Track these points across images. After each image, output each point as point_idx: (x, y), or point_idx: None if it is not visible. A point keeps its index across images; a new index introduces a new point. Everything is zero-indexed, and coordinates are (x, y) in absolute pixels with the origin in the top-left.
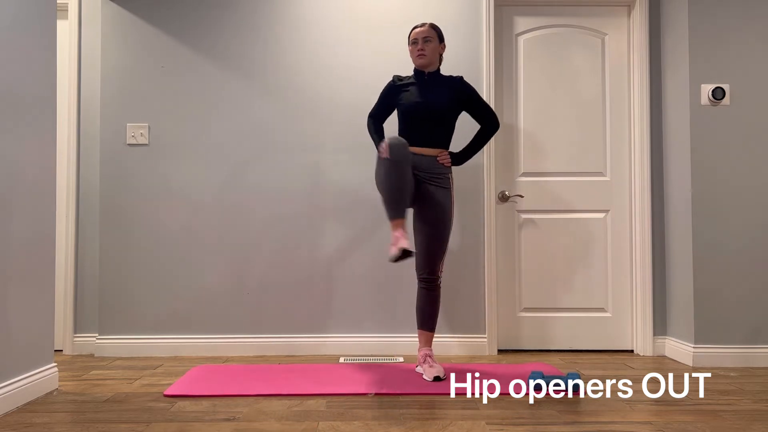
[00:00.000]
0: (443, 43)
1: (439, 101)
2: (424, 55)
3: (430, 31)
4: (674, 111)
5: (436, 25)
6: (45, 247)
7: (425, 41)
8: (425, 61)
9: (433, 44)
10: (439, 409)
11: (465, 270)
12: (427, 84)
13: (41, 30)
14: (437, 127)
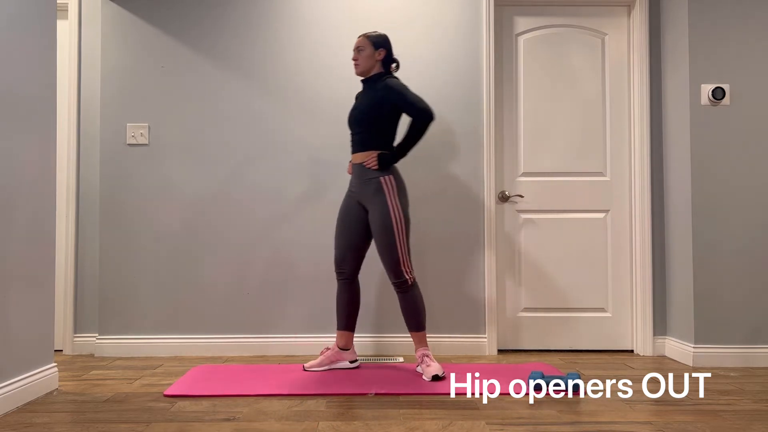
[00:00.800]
0: (381, 49)
1: (363, 107)
2: (358, 64)
3: (363, 40)
4: (674, 111)
5: (373, 33)
6: (45, 247)
7: (358, 51)
8: (359, 70)
9: (366, 52)
10: (439, 409)
11: (465, 270)
12: (365, 91)
13: (41, 30)
14: (365, 133)
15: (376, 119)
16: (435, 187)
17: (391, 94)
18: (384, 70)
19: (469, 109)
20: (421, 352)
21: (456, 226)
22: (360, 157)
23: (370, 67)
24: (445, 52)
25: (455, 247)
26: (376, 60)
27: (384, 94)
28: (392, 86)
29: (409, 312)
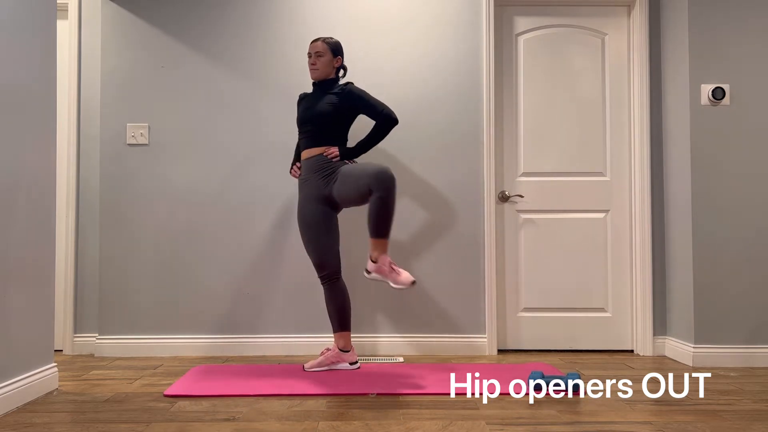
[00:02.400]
0: (339, 57)
1: (322, 105)
2: (316, 68)
3: (322, 45)
4: (674, 111)
5: (332, 40)
6: (45, 247)
7: (317, 56)
8: (317, 74)
9: (325, 58)
10: (439, 409)
11: (465, 270)
12: (317, 94)
13: (41, 30)
14: (322, 132)
15: (334, 120)
16: (435, 187)
17: (354, 101)
18: (336, 75)
19: (469, 109)
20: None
21: (456, 226)
22: (315, 151)
23: (327, 73)
24: (445, 52)
25: (455, 247)
26: (333, 67)
27: (346, 99)
28: (356, 92)
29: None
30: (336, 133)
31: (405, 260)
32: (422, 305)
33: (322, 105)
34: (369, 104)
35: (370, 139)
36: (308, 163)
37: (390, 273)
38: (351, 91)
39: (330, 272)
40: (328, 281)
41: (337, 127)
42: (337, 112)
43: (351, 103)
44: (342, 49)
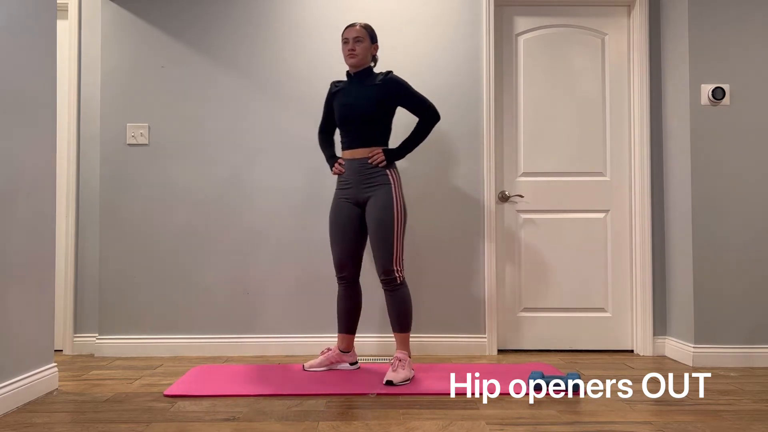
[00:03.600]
0: (376, 44)
1: (366, 101)
2: (355, 54)
3: (361, 31)
4: (674, 111)
5: (369, 25)
6: (45, 247)
7: (356, 41)
8: (356, 60)
9: (365, 44)
10: (439, 409)
11: (465, 270)
12: (356, 84)
13: (41, 30)
14: (367, 128)
15: (378, 117)
16: (435, 187)
17: (399, 91)
18: (371, 64)
19: (469, 109)
20: (398, 355)
21: (456, 226)
22: (363, 152)
23: (366, 60)
24: (445, 52)
25: (455, 247)
26: (371, 54)
27: (388, 90)
28: (401, 83)
29: (394, 312)
30: (380, 130)
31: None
32: (422, 305)
33: (363, 102)
34: (414, 97)
35: (415, 138)
36: (351, 165)
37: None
38: (394, 80)
39: (347, 275)
40: (344, 283)
41: (381, 123)
42: (381, 108)
43: (394, 94)
44: (377, 37)
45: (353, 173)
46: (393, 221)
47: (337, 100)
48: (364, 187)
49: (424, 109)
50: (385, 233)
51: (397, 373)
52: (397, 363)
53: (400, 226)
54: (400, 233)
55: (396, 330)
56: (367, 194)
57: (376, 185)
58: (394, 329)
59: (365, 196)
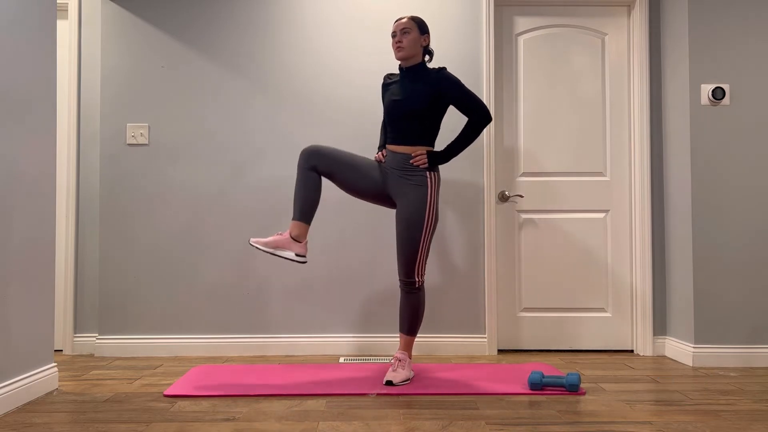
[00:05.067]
0: (426, 35)
1: (414, 96)
2: (402, 47)
3: (409, 22)
4: (674, 111)
5: (419, 17)
6: (45, 247)
7: (403, 33)
8: (404, 53)
9: (412, 35)
10: (439, 409)
11: (465, 270)
12: (407, 79)
13: (41, 30)
14: (412, 124)
15: (428, 112)
16: None
17: (452, 89)
18: (423, 60)
19: None
20: (398, 355)
21: (456, 226)
22: (404, 149)
23: (414, 52)
24: (445, 51)
25: (455, 247)
26: (420, 46)
27: (439, 87)
28: (453, 80)
29: (406, 313)
30: (426, 128)
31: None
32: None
33: (412, 97)
34: (465, 95)
35: (463, 141)
36: (393, 157)
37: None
38: (446, 77)
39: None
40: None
41: (428, 122)
42: (430, 106)
43: (445, 91)
44: (428, 28)
45: (395, 164)
46: (422, 227)
47: (387, 94)
48: (401, 182)
49: (476, 109)
50: (411, 238)
51: (397, 373)
52: (396, 363)
53: (429, 233)
54: (427, 240)
55: (403, 331)
56: (402, 190)
57: (412, 185)
58: (402, 329)
59: (399, 191)
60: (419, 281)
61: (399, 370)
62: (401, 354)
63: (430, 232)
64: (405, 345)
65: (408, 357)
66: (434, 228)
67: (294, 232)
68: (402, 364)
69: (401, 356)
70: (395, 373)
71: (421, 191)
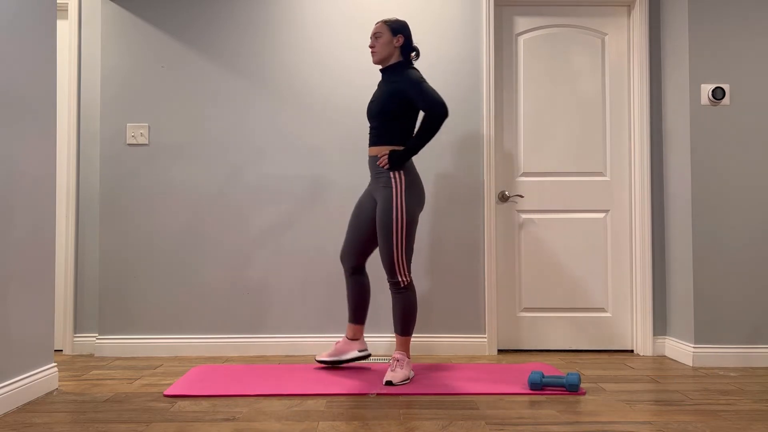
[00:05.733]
0: (399, 36)
1: (383, 98)
2: (375, 51)
3: (380, 26)
4: (674, 111)
5: (392, 19)
6: (45, 247)
7: (376, 37)
8: (377, 57)
9: (384, 38)
10: (439, 409)
11: (465, 270)
12: (383, 81)
13: (41, 30)
14: (382, 125)
15: (392, 112)
16: (435, 187)
17: (411, 89)
18: (403, 58)
19: (469, 109)
20: (396, 355)
21: (456, 226)
22: (374, 151)
23: (388, 54)
24: (445, 52)
25: (455, 247)
26: (394, 47)
27: (401, 86)
28: (412, 79)
29: (397, 314)
30: (397, 127)
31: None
32: (422, 305)
33: (381, 99)
34: (420, 93)
35: (418, 137)
36: (370, 161)
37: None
38: (407, 77)
39: (347, 264)
40: (345, 272)
41: (401, 122)
42: (395, 103)
43: (406, 90)
44: (406, 28)
45: (370, 167)
46: (392, 228)
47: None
48: (376, 185)
49: (429, 105)
50: (384, 239)
51: (395, 372)
52: (395, 363)
53: (400, 231)
54: (401, 238)
55: (397, 332)
56: (377, 192)
57: (381, 187)
58: (395, 330)
59: (376, 194)
60: (404, 281)
61: (398, 370)
62: (399, 354)
63: (402, 233)
64: (400, 344)
65: (406, 356)
66: (406, 228)
67: (349, 334)
68: (400, 363)
69: (399, 356)
70: (394, 372)
71: (387, 192)
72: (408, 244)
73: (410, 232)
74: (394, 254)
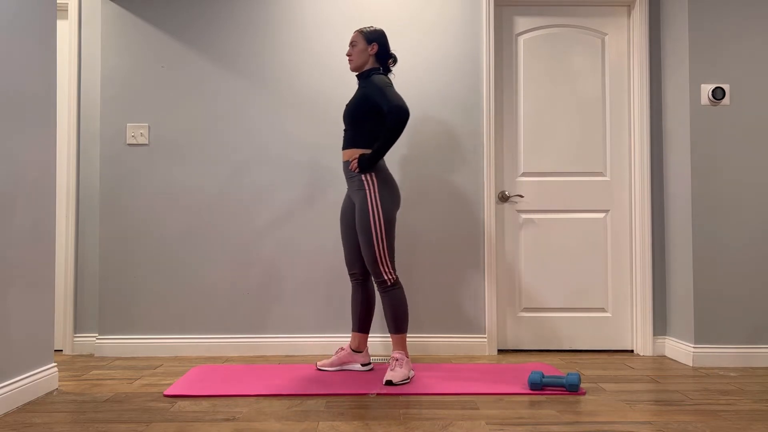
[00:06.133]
0: (373, 44)
1: (353, 104)
2: (351, 59)
3: (355, 35)
4: (674, 111)
5: (367, 28)
6: (45, 247)
7: (352, 46)
8: (352, 65)
9: (359, 47)
10: (439, 409)
11: (465, 270)
12: (358, 87)
13: (41, 30)
14: (354, 129)
15: (362, 116)
16: (435, 187)
17: (374, 94)
18: (379, 65)
19: (469, 109)
20: (395, 355)
21: (456, 226)
22: (347, 154)
23: (363, 62)
24: (445, 52)
25: (455, 247)
26: (369, 55)
27: (368, 91)
28: (374, 82)
29: (389, 313)
30: (367, 131)
31: (405, 260)
32: (422, 305)
33: (351, 105)
34: (382, 97)
35: (383, 140)
36: (343, 165)
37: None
38: (372, 81)
39: (357, 272)
40: (353, 281)
41: (368, 124)
42: (364, 109)
43: (369, 95)
44: (382, 37)
45: (345, 173)
46: (370, 228)
47: None
48: (351, 188)
49: (389, 109)
50: (364, 238)
51: (395, 372)
52: (394, 363)
53: (379, 230)
54: (381, 237)
55: (391, 331)
56: (353, 195)
57: (356, 189)
58: (389, 330)
59: (353, 198)
60: (389, 279)
61: (397, 369)
62: (398, 353)
63: (381, 232)
64: (397, 344)
65: (405, 355)
66: (385, 227)
67: (353, 345)
68: (400, 363)
69: (398, 356)
70: (393, 372)
71: (362, 194)
72: (389, 242)
73: (389, 230)
74: (376, 253)
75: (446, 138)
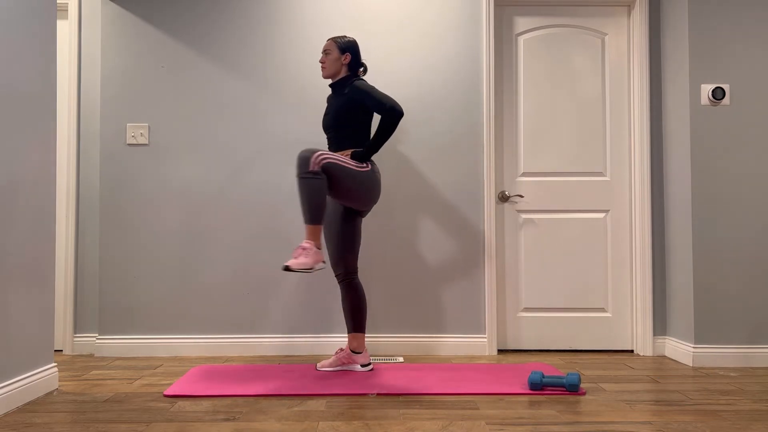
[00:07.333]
0: (346, 54)
1: (335, 111)
2: (324, 67)
3: (329, 44)
4: (674, 111)
5: (340, 38)
6: (45, 247)
7: (326, 54)
8: (325, 72)
9: (333, 55)
10: (439, 409)
11: (465, 270)
12: (332, 95)
13: (41, 30)
14: (336, 135)
15: (348, 121)
16: (435, 187)
17: (366, 99)
18: (351, 73)
19: (469, 109)
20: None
21: (456, 226)
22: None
23: (336, 70)
24: (445, 52)
25: (455, 247)
26: (342, 64)
27: (353, 96)
28: (360, 87)
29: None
30: (354, 134)
31: (405, 260)
32: (422, 305)
33: (332, 112)
34: (374, 100)
35: (378, 137)
36: None
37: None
38: (357, 87)
39: (345, 271)
40: (342, 280)
41: (354, 128)
42: (350, 113)
43: (359, 99)
44: (354, 47)
45: None
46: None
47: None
48: None
49: (385, 109)
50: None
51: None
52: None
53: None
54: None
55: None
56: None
57: None
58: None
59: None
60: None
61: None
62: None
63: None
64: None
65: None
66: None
67: (352, 346)
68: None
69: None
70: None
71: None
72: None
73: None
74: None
75: (446, 138)
